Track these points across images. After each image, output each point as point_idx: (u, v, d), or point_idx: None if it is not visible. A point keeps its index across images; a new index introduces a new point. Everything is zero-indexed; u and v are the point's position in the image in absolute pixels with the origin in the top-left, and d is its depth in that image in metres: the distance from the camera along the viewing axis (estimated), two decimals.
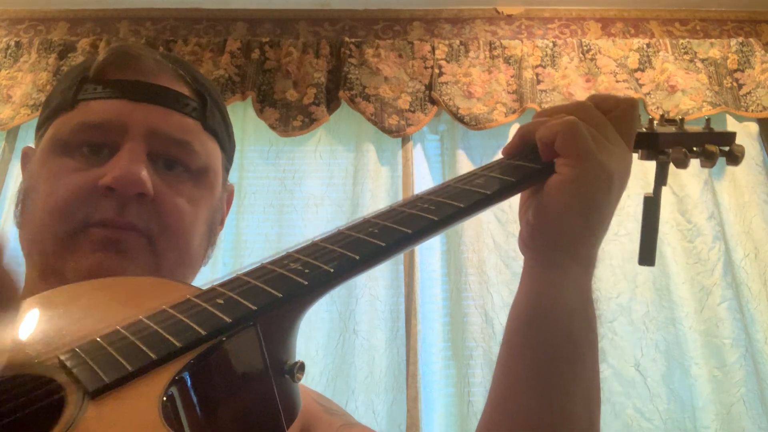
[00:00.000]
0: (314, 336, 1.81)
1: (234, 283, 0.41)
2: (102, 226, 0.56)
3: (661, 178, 0.62)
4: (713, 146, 0.61)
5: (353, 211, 1.98)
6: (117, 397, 0.31)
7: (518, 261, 1.91)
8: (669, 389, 1.77)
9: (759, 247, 1.90)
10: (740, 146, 0.62)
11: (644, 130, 0.62)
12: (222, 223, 0.72)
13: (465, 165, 2.02)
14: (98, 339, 0.36)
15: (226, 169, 0.72)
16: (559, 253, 0.52)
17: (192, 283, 0.66)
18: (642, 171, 1.86)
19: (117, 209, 0.56)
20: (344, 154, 2.10)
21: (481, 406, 1.72)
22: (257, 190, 2.02)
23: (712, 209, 1.94)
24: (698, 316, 1.84)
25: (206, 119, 0.64)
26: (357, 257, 0.42)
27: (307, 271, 0.41)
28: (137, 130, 0.59)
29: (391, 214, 0.47)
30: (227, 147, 0.70)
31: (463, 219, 0.48)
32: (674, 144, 0.61)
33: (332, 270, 0.41)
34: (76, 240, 0.56)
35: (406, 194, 1.98)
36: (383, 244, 0.43)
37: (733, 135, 0.63)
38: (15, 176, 2.05)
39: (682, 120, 0.64)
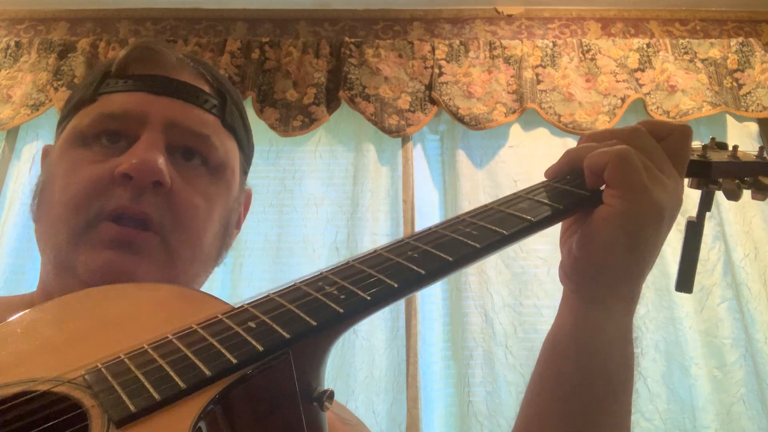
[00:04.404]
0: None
1: (267, 305, 0.39)
2: (114, 220, 0.55)
3: (706, 204, 0.59)
4: (767, 178, 0.57)
5: (353, 211, 1.98)
6: (143, 429, 0.30)
7: (518, 261, 1.91)
8: (669, 389, 1.77)
9: (759, 247, 1.90)
10: None
11: (696, 157, 0.58)
12: (238, 226, 0.71)
13: (465, 165, 2.02)
14: (125, 358, 0.35)
15: (245, 171, 0.71)
16: (602, 289, 0.49)
17: (203, 283, 0.64)
18: None
19: (132, 197, 0.55)
20: (344, 154, 2.10)
21: (481, 406, 1.73)
22: (257, 190, 2.01)
23: (712, 209, 1.94)
24: (698, 316, 1.84)
25: (225, 116, 0.64)
26: (395, 285, 0.40)
27: (343, 297, 0.39)
28: (156, 121, 0.58)
29: (432, 236, 0.45)
30: (246, 148, 0.69)
31: (507, 246, 0.45)
32: (726, 174, 0.58)
33: (369, 298, 0.39)
34: (89, 235, 0.55)
35: (407, 194, 1.98)
36: (423, 272, 0.41)
37: None
38: (15, 176, 2.04)
39: (735, 147, 0.60)
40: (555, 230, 0.53)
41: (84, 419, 0.31)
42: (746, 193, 2.03)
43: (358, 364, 1.77)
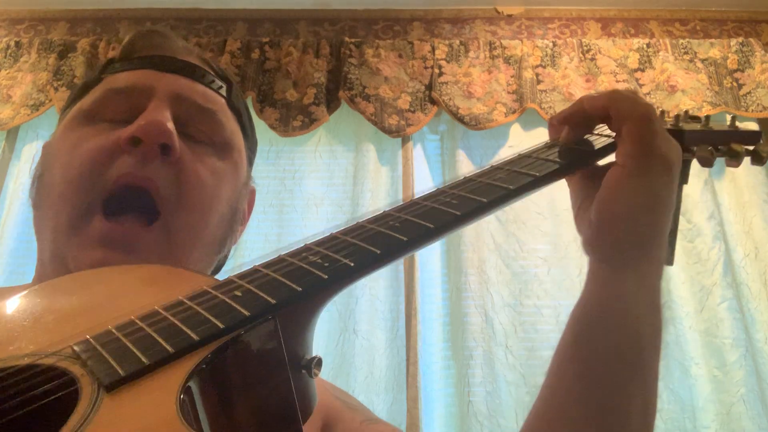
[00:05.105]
0: (314, 335, 1.81)
1: (252, 275, 0.40)
2: (107, 213, 0.52)
3: (682, 176, 0.59)
4: (739, 145, 0.59)
5: (353, 211, 1.98)
6: (133, 392, 0.31)
7: (518, 261, 1.91)
8: (669, 389, 1.77)
9: (759, 247, 1.90)
10: (766, 146, 0.60)
11: (669, 126, 0.60)
12: (243, 223, 0.69)
13: (465, 165, 2.02)
14: (112, 329, 0.35)
15: (250, 162, 0.69)
16: (629, 253, 0.49)
17: (208, 272, 0.62)
18: None
19: (137, 163, 0.53)
20: (344, 154, 2.10)
21: (481, 406, 1.73)
22: (257, 190, 2.02)
23: (712, 209, 1.94)
24: (698, 316, 1.84)
25: (231, 98, 0.63)
26: (378, 251, 0.41)
27: (326, 264, 0.40)
28: (163, 93, 0.57)
29: (413, 207, 0.46)
30: (250, 137, 0.68)
31: (487, 213, 0.47)
32: (700, 142, 0.59)
33: (352, 264, 0.40)
34: (84, 228, 0.53)
35: (406, 194, 1.98)
36: (405, 239, 0.42)
37: (758, 134, 0.61)
38: (15, 176, 2.05)
39: (707, 117, 0.62)
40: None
41: (73, 387, 0.31)
42: (745, 193, 2.00)
43: (358, 364, 1.77)
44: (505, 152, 2.06)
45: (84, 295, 0.42)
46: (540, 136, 2.07)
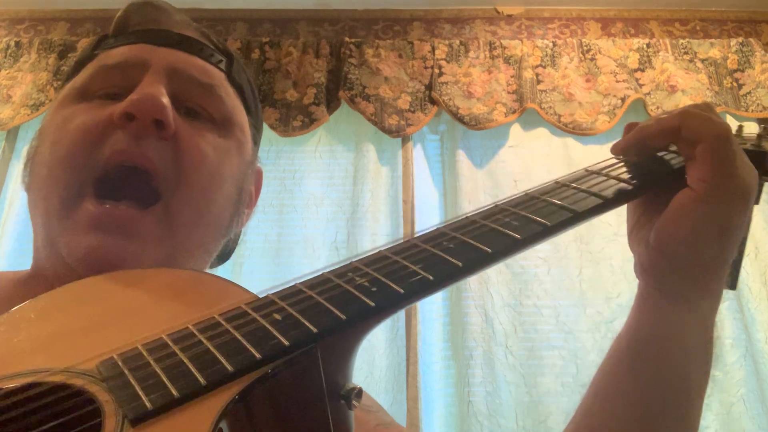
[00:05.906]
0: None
1: (294, 297, 0.37)
2: (98, 195, 0.49)
3: (756, 197, 0.56)
4: None
5: (353, 211, 1.98)
6: (160, 428, 0.29)
7: (518, 261, 1.91)
8: None
9: (759, 247, 1.90)
10: None
11: (750, 147, 0.55)
12: (251, 206, 0.65)
13: (465, 165, 2.02)
14: (142, 349, 0.33)
15: (255, 140, 0.64)
16: (687, 284, 0.46)
17: (212, 254, 0.59)
18: None
19: (132, 140, 0.50)
20: (344, 154, 2.10)
21: (481, 406, 1.73)
22: None
23: None
24: None
25: (232, 73, 0.60)
26: (431, 278, 0.37)
27: (374, 289, 0.37)
28: (158, 67, 0.54)
29: (469, 226, 0.43)
30: (254, 113, 0.64)
31: (549, 237, 0.43)
32: None
33: (402, 291, 0.37)
34: (75, 211, 0.49)
35: (406, 194, 1.98)
36: (460, 264, 0.39)
37: None
38: (15, 176, 2.05)
39: None
40: None
41: (97, 415, 0.30)
42: None
43: (358, 364, 1.75)
44: (505, 152, 2.06)
45: (111, 303, 0.40)
46: (540, 136, 2.07)
